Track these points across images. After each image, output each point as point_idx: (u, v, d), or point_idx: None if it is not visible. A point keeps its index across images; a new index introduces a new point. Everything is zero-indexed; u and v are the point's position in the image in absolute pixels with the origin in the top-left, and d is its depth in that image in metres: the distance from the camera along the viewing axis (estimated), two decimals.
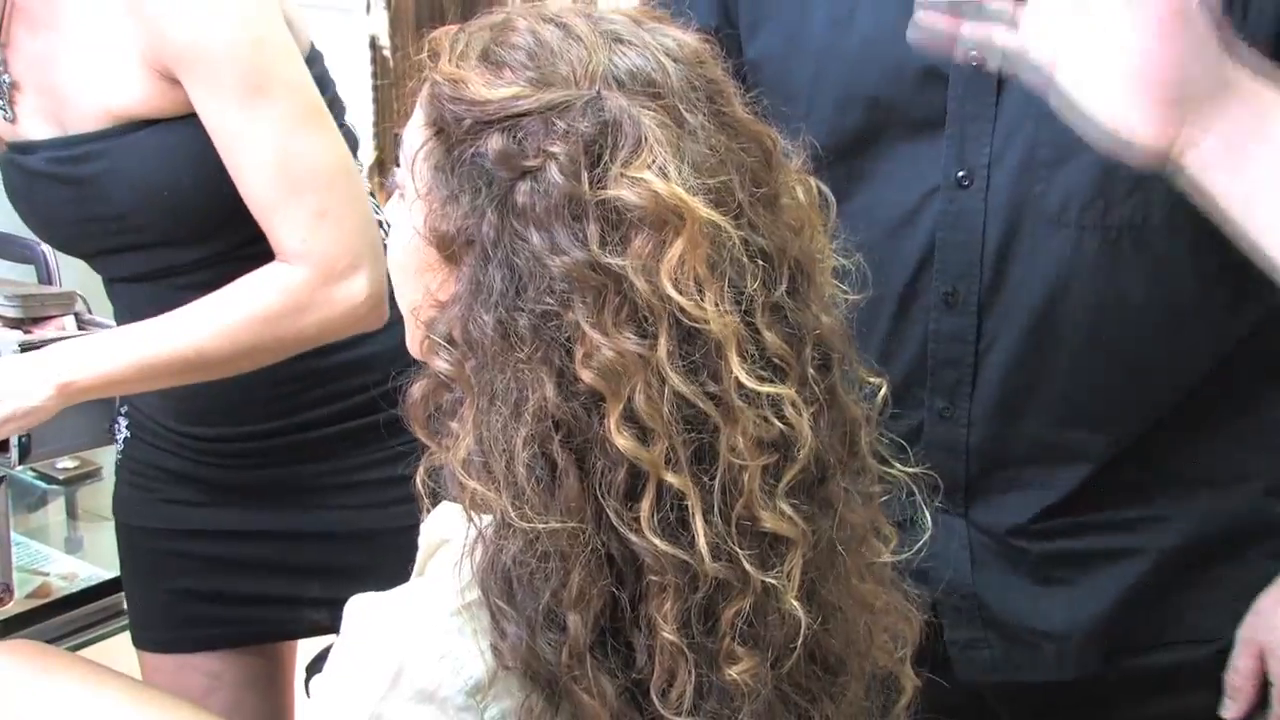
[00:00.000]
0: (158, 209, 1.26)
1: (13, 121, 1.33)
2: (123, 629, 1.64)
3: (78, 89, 1.28)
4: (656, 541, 0.75)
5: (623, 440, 0.75)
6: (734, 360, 0.77)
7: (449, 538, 0.82)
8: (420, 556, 0.87)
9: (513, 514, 0.76)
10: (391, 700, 0.77)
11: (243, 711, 1.50)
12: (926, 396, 1.15)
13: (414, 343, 0.87)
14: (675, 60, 0.82)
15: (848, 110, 1.14)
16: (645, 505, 0.75)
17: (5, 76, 1.31)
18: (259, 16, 1.22)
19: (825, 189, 0.88)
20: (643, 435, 0.75)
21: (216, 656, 1.50)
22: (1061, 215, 1.08)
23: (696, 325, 0.76)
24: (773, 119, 0.85)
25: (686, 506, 0.76)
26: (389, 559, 0.88)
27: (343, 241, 1.22)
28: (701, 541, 0.76)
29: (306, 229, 1.22)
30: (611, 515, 0.76)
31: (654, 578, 0.76)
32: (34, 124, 1.32)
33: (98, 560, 1.81)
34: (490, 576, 0.77)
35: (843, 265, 0.90)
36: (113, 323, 1.44)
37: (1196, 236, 1.05)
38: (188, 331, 1.24)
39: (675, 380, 0.75)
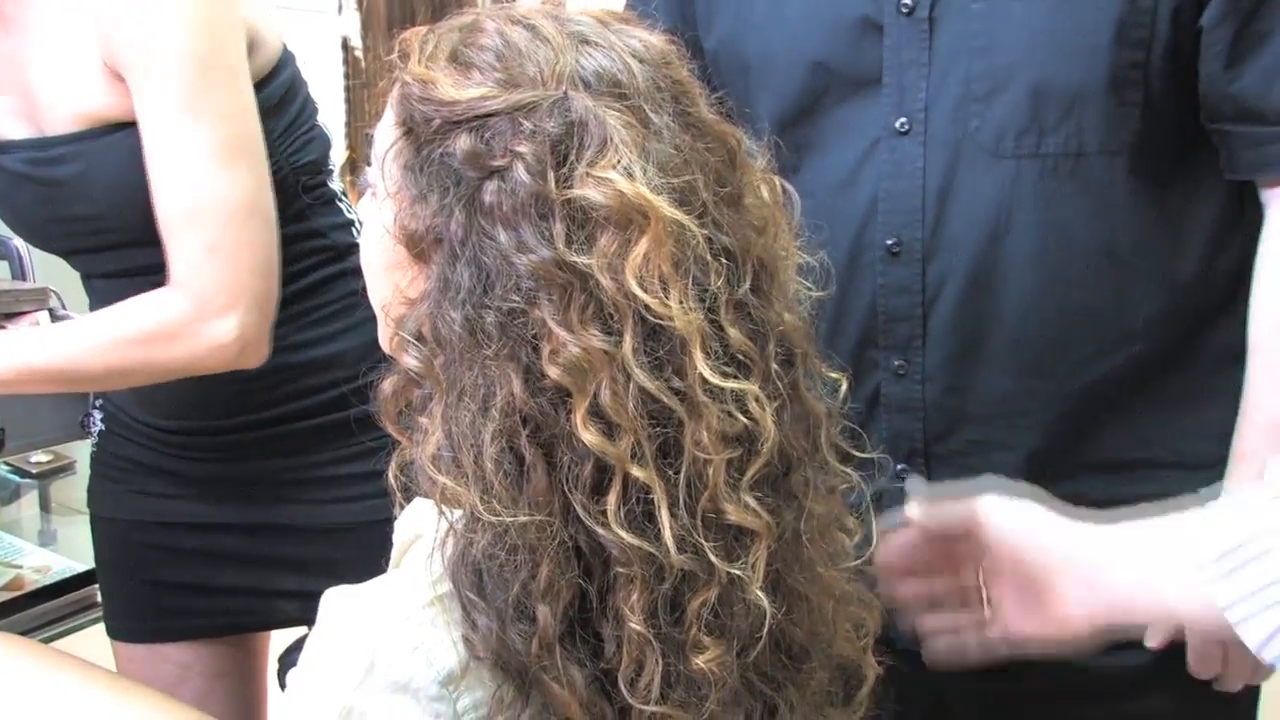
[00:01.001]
0: (133, 210, 1.26)
1: None
2: (96, 621, 1.64)
3: (49, 91, 1.28)
4: (623, 534, 0.76)
5: (589, 435, 0.76)
6: (698, 356, 0.77)
7: (422, 532, 0.83)
8: (395, 552, 0.88)
9: (481, 508, 0.77)
10: (365, 691, 0.78)
11: (214, 701, 1.50)
12: (881, 357, 1.16)
13: (385, 339, 0.88)
14: (641, 61, 0.82)
15: (792, 76, 1.16)
16: (612, 499, 0.76)
17: None
18: (211, 37, 1.22)
19: (790, 188, 0.90)
20: (609, 430, 0.76)
21: (188, 647, 1.50)
22: (998, 147, 1.10)
23: (661, 322, 0.77)
24: (737, 119, 0.87)
25: (652, 500, 0.77)
26: (360, 553, 0.88)
27: (224, 280, 1.22)
28: (667, 534, 0.76)
29: (193, 259, 1.22)
30: (579, 509, 0.76)
31: (621, 570, 0.77)
32: (10, 124, 1.32)
33: (71, 553, 1.81)
34: (461, 569, 0.78)
35: (807, 262, 0.91)
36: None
37: (1132, 161, 1.10)
38: (66, 344, 1.25)
39: (640, 376, 0.76)
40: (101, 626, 1.57)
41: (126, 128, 1.25)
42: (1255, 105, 1.08)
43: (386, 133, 0.85)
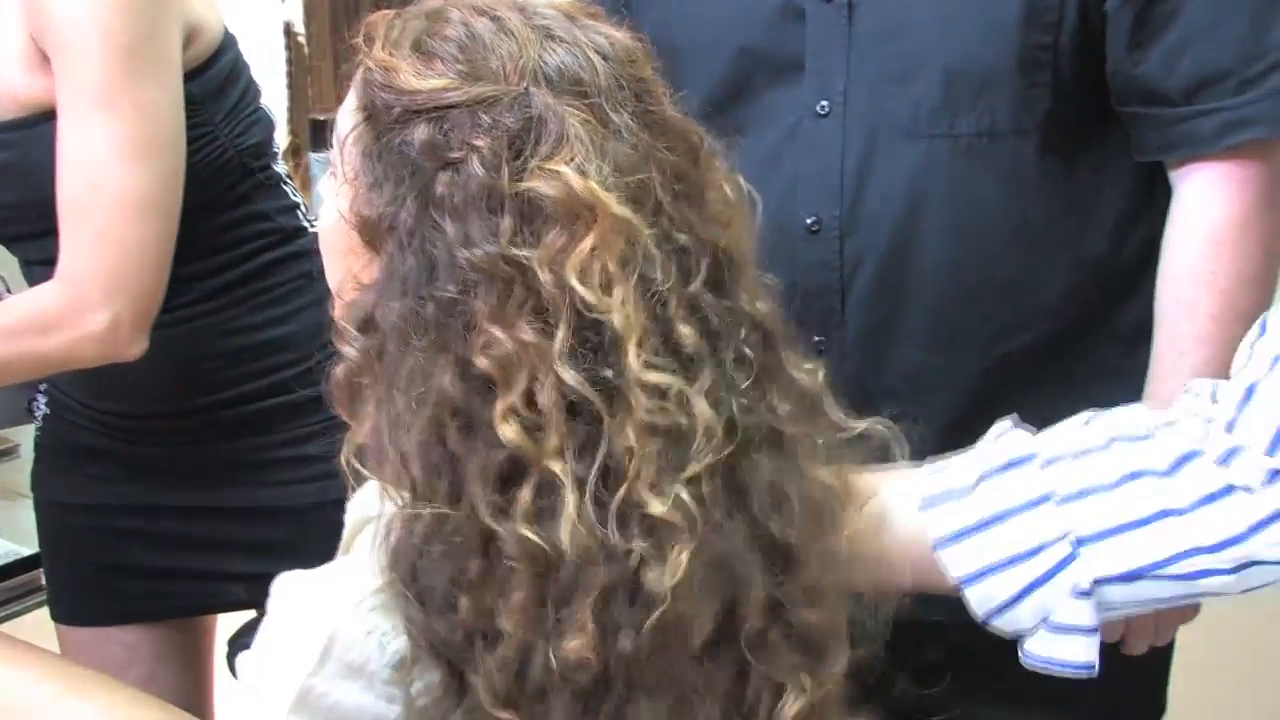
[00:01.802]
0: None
1: None
2: (41, 604, 1.65)
3: None
4: (525, 530, 0.75)
5: (508, 430, 0.76)
6: (632, 351, 0.77)
7: (373, 515, 0.83)
8: (346, 534, 0.88)
9: (408, 500, 0.78)
10: (321, 675, 0.78)
11: (161, 684, 1.51)
12: (801, 333, 1.20)
13: (339, 314, 0.87)
14: (605, 58, 0.82)
15: (719, 63, 1.19)
16: (525, 493, 0.76)
17: None
18: (140, 26, 1.22)
19: (752, 189, 0.89)
20: (530, 426, 0.76)
21: (135, 630, 1.51)
22: (913, 127, 1.14)
23: (598, 317, 0.77)
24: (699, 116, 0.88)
25: (563, 494, 0.76)
26: (309, 534, 0.89)
27: (104, 273, 1.22)
28: (565, 529, 0.75)
29: (77, 250, 1.22)
30: (481, 504, 0.76)
31: (511, 563, 0.76)
32: None
33: (15, 537, 1.82)
34: (397, 559, 0.79)
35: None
36: None
37: (1043, 141, 1.13)
38: None
39: (565, 373, 0.76)
40: (45, 611, 1.57)
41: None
42: (1159, 87, 1.12)
43: (348, 116, 0.85)
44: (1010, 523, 0.86)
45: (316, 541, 0.89)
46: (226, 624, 1.55)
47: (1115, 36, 1.12)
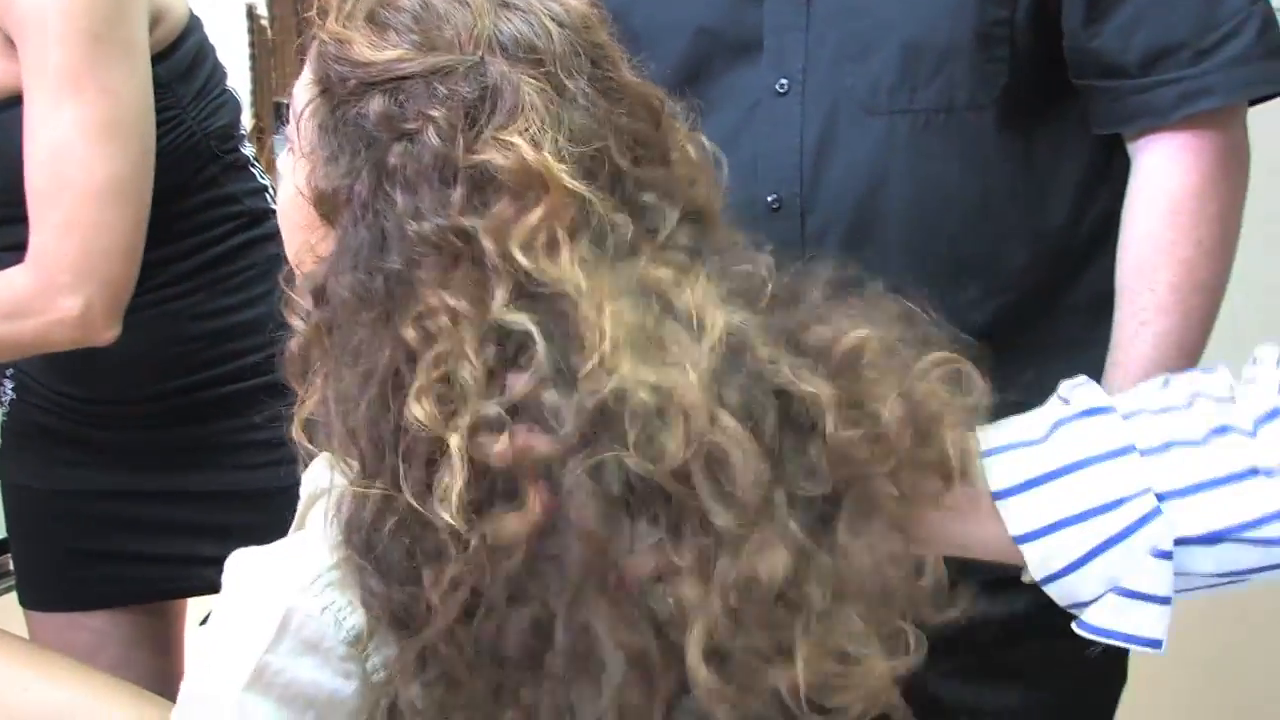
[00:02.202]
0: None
1: None
2: (8, 589, 1.64)
3: None
4: (444, 515, 0.74)
5: (418, 408, 0.74)
6: (585, 307, 0.75)
7: (325, 489, 0.82)
8: (300, 508, 0.89)
9: (354, 476, 0.78)
10: (277, 651, 0.79)
11: (131, 669, 1.49)
12: None
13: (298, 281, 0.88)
14: (561, 25, 0.82)
15: (678, 43, 1.20)
16: (446, 475, 0.74)
17: None
18: (104, 10, 1.21)
19: (715, 148, 0.89)
20: (444, 401, 0.75)
21: (105, 614, 1.51)
22: (872, 103, 1.14)
23: (541, 289, 0.76)
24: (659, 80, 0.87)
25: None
26: (281, 518, 0.89)
27: (74, 258, 1.22)
28: (449, 507, 0.74)
29: (49, 234, 1.22)
30: (405, 483, 0.75)
31: (444, 537, 0.75)
32: None
33: None
34: (351, 533, 0.78)
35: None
36: None
37: (1001, 115, 1.14)
38: None
39: (508, 316, 0.75)
40: (13, 596, 1.57)
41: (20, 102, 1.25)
42: (1115, 60, 1.13)
43: (303, 90, 0.85)
44: (1086, 473, 0.78)
45: (287, 525, 0.89)
46: (197, 609, 1.55)
47: (1071, 10, 1.13)
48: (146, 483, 1.47)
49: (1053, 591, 0.80)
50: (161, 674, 1.56)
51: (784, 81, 1.17)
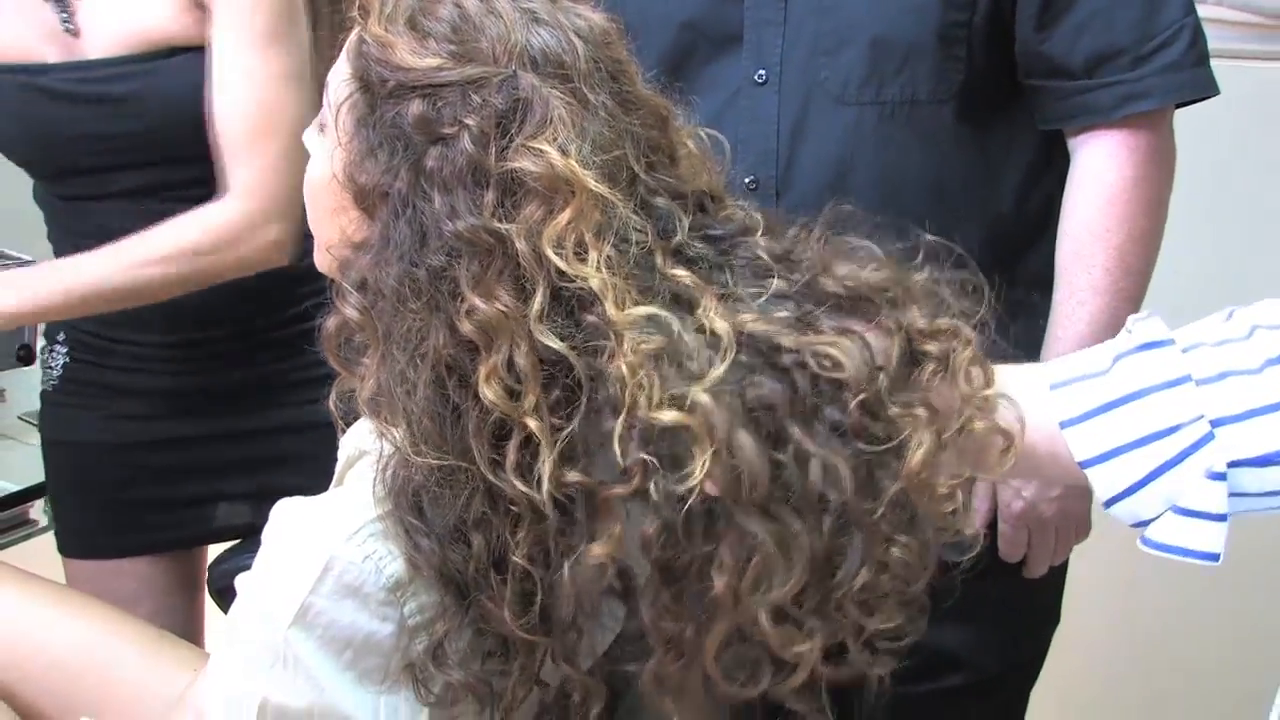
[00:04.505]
0: (185, 127, 1.37)
1: (76, 35, 1.40)
2: (25, 538, 1.70)
3: (106, 9, 1.38)
4: (516, 483, 0.81)
5: (490, 391, 0.80)
6: (610, 307, 0.81)
7: (366, 450, 0.89)
8: (339, 468, 0.94)
9: (411, 450, 0.83)
10: (320, 593, 0.84)
11: (172, 615, 1.57)
12: None
13: (321, 263, 0.96)
14: (584, 40, 0.88)
15: (664, 37, 1.29)
16: (511, 449, 0.81)
17: None
18: None
19: (717, 134, 0.97)
20: (511, 387, 0.81)
21: (149, 561, 1.58)
22: (843, 95, 1.25)
23: (572, 286, 0.81)
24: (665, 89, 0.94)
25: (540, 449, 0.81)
26: (326, 449, 0.96)
27: (283, 189, 1.35)
28: (546, 485, 0.80)
29: (263, 172, 1.36)
30: (479, 458, 0.81)
31: (514, 508, 0.82)
32: (42, 47, 1.40)
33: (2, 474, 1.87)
34: (402, 496, 0.84)
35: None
36: (24, 256, 1.53)
37: (958, 109, 1.25)
38: (124, 262, 1.35)
39: (543, 337, 0.81)
40: (32, 544, 1.63)
41: (187, 52, 1.37)
42: (1062, 62, 1.24)
43: (342, 85, 0.90)
44: (1145, 402, 0.83)
45: (331, 456, 0.95)
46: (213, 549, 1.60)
47: (1024, 17, 1.23)
48: (214, 426, 1.54)
49: (1117, 511, 0.86)
50: (194, 618, 1.64)
51: (762, 72, 1.28)
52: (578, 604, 0.83)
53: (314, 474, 0.97)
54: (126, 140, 1.40)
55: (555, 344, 0.82)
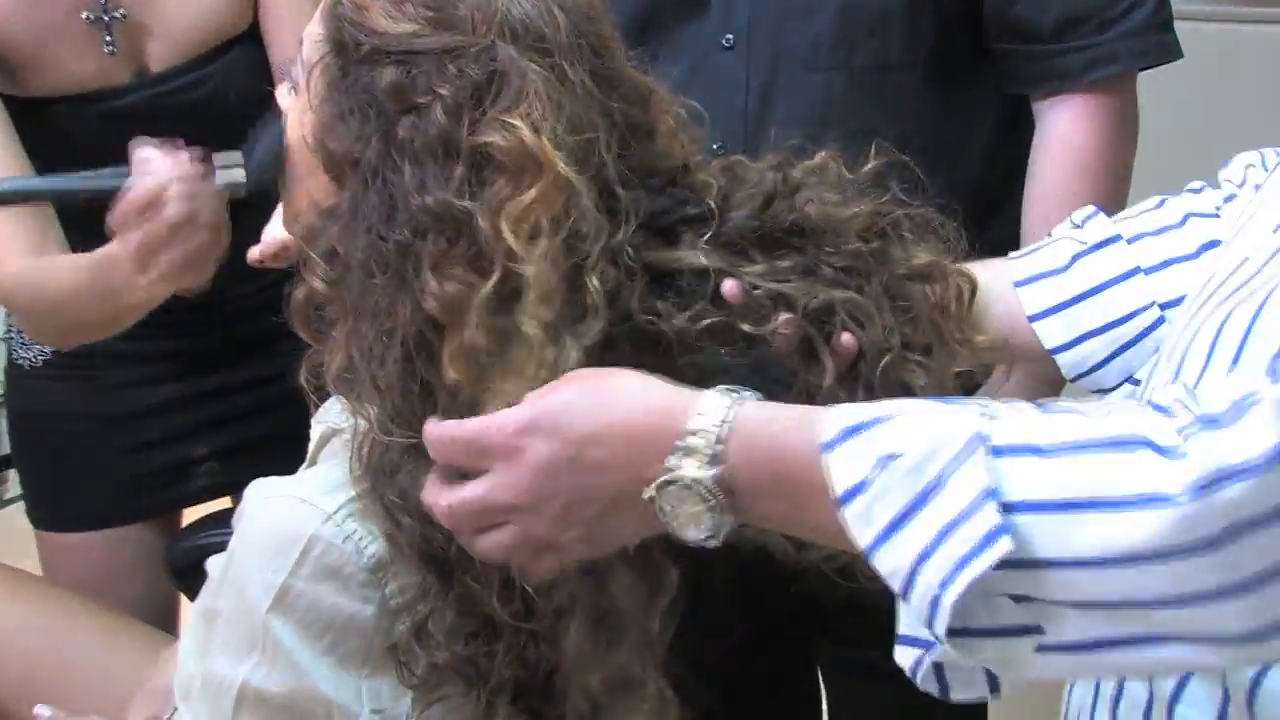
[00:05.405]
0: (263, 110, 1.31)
1: (114, 54, 1.36)
2: None
3: (172, 17, 1.35)
4: None
5: (455, 371, 0.78)
6: (531, 303, 0.79)
7: (339, 427, 0.89)
8: (312, 447, 0.94)
9: (382, 427, 0.81)
10: (299, 575, 0.83)
11: (159, 588, 1.52)
12: None
13: (289, 228, 0.94)
14: (567, 13, 0.84)
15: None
16: None
17: (118, 11, 1.35)
18: None
19: (695, 105, 0.95)
20: (474, 364, 0.79)
21: (147, 529, 1.55)
22: (812, 60, 1.24)
23: (517, 267, 0.79)
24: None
25: None
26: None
27: None
28: None
29: None
30: None
31: None
32: (116, 70, 1.36)
33: None
34: (380, 475, 0.83)
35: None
36: None
37: (927, 75, 1.25)
38: None
39: (494, 320, 0.79)
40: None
41: (242, 39, 1.36)
42: (1031, 26, 1.23)
43: (315, 45, 0.87)
44: (1103, 296, 0.95)
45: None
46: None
47: None
48: (202, 384, 1.53)
49: (1086, 385, 0.97)
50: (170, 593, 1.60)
51: (730, 37, 1.26)
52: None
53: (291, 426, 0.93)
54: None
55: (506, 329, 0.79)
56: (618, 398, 0.73)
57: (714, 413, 0.70)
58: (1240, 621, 0.60)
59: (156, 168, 1.08)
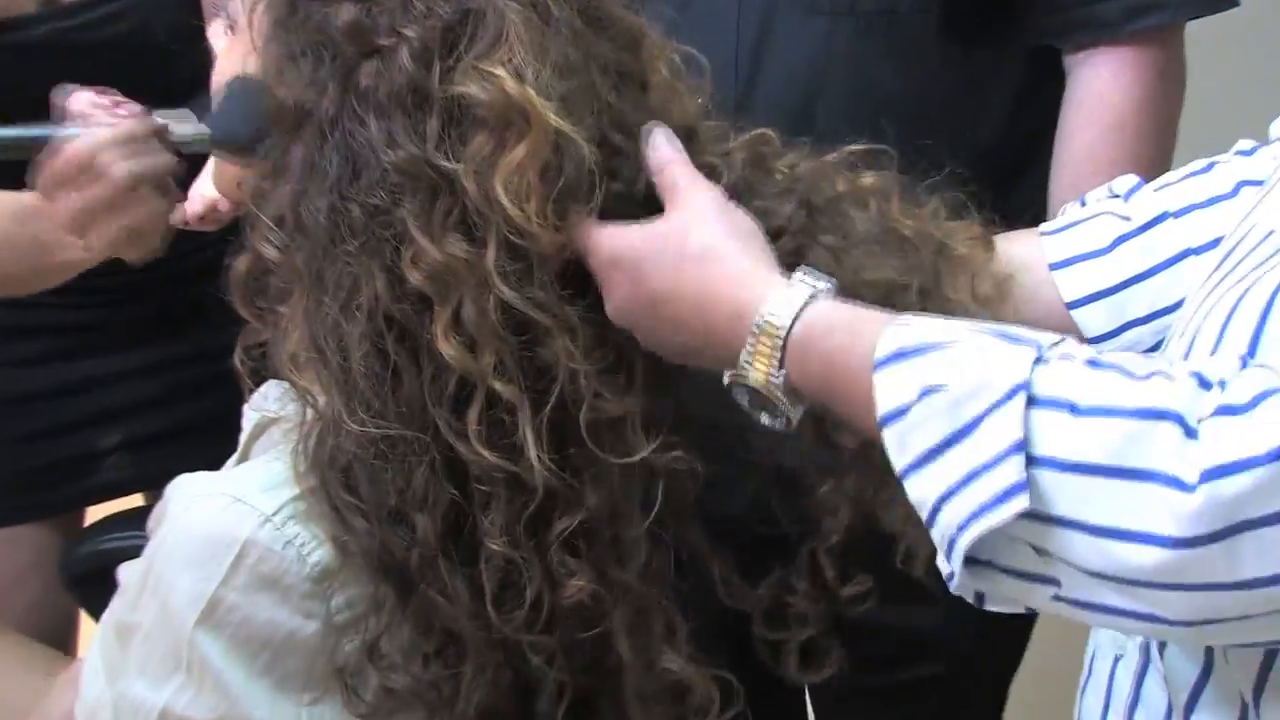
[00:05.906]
0: (195, 50, 1.20)
1: None
2: None
3: None
4: (484, 452, 0.73)
5: (449, 348, 0.73)
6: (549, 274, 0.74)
7: (278, 415, 0.81)
8: (244, 438, 0.86)
9: (346, 415, 0.74)
10: (232, 585, 0.75)
11: (55, 599, 1.43)
12: None
13: (224, 187, 0.87)
14: None
15: None
16: (473, 414, 0.73)
17: None
18: None
19: (692, 51, 0.89)
20: (470, 344, 0.73)
21: (45, 528, 1.46)
22: (813, 2, 1.12)
23: (518, 238, 0.73)
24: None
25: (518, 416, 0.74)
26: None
27: None
28: (531, 452, 0.73)
29: None
30: (441, 424, 0.73)
31: (481, 487, 0.74)
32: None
33: None
34: (330, 471, 0.75)
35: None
36: None
37: (942, 21, 1.12)
38: None
39: (501, 289, 0.73)
40: None
41: None
42: None
43: None
44: (1150, 284, 0.87)
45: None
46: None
47: None
48: (112, 363, 1.45)
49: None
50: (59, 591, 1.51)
51: None
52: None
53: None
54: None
55: (517, 301, 0.74)
56: (699, 266, 0.76)
57: (782, 315, 0.73)
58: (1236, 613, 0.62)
59: (96, 121, 0.99)
